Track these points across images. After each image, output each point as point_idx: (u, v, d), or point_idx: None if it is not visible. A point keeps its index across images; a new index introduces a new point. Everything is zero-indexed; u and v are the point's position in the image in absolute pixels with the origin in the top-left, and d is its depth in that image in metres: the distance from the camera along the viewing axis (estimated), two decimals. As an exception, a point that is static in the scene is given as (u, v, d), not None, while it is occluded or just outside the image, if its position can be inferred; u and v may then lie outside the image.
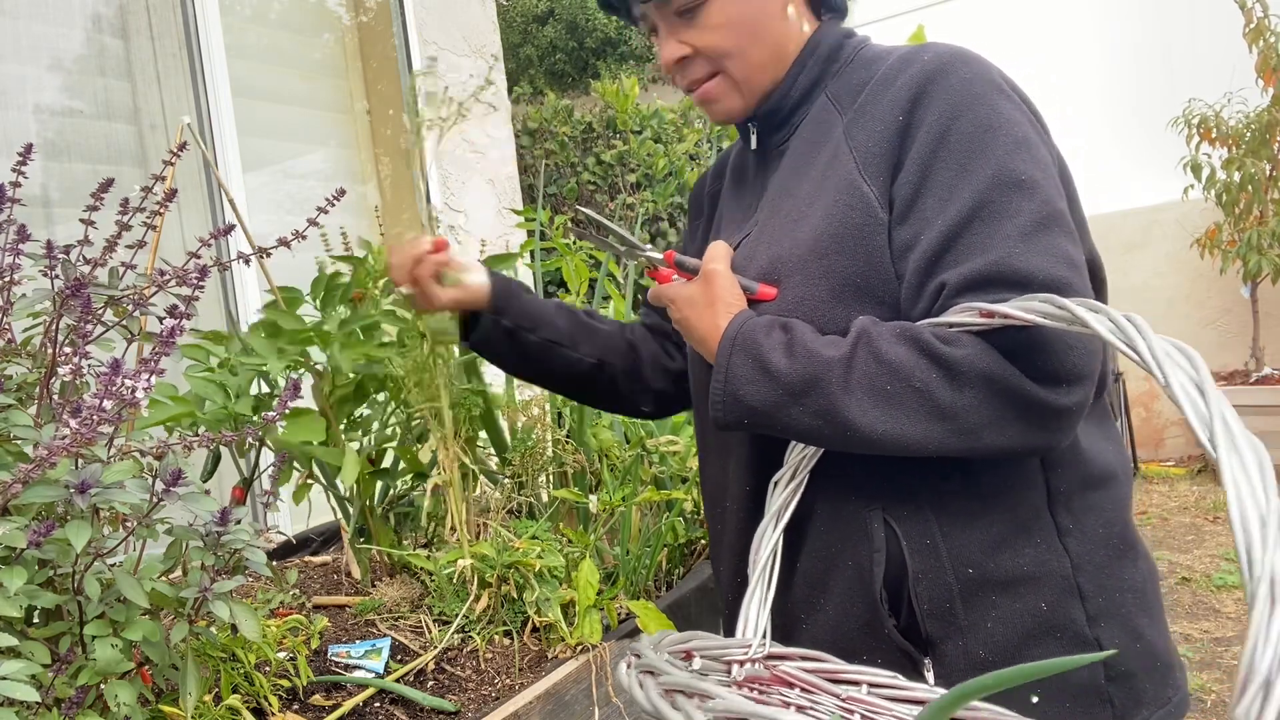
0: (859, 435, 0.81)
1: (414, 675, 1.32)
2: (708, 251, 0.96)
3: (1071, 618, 0.87)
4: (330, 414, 1.53)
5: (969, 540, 0.87)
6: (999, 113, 0.88)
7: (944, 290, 0.83)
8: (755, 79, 1.01)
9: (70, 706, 0.85)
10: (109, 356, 0.92)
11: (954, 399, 0.78)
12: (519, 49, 7.49)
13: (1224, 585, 3.46)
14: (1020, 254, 0.80)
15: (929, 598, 0.87)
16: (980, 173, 0.85)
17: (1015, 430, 0.79)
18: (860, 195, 0.89)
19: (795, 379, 0.83)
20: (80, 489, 0.81)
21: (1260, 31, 4.43)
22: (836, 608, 0.92)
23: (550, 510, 1.76)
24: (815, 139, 0.98)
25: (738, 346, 0.87)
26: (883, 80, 0.94)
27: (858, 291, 0.88)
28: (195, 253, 1.06)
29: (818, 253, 0.90)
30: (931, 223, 0.85)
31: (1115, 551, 0.92)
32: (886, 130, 0.90)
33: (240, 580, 0.95)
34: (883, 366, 0.80)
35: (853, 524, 0.91)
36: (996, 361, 0.78)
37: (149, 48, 2.88)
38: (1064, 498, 0.90)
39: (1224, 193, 4.57)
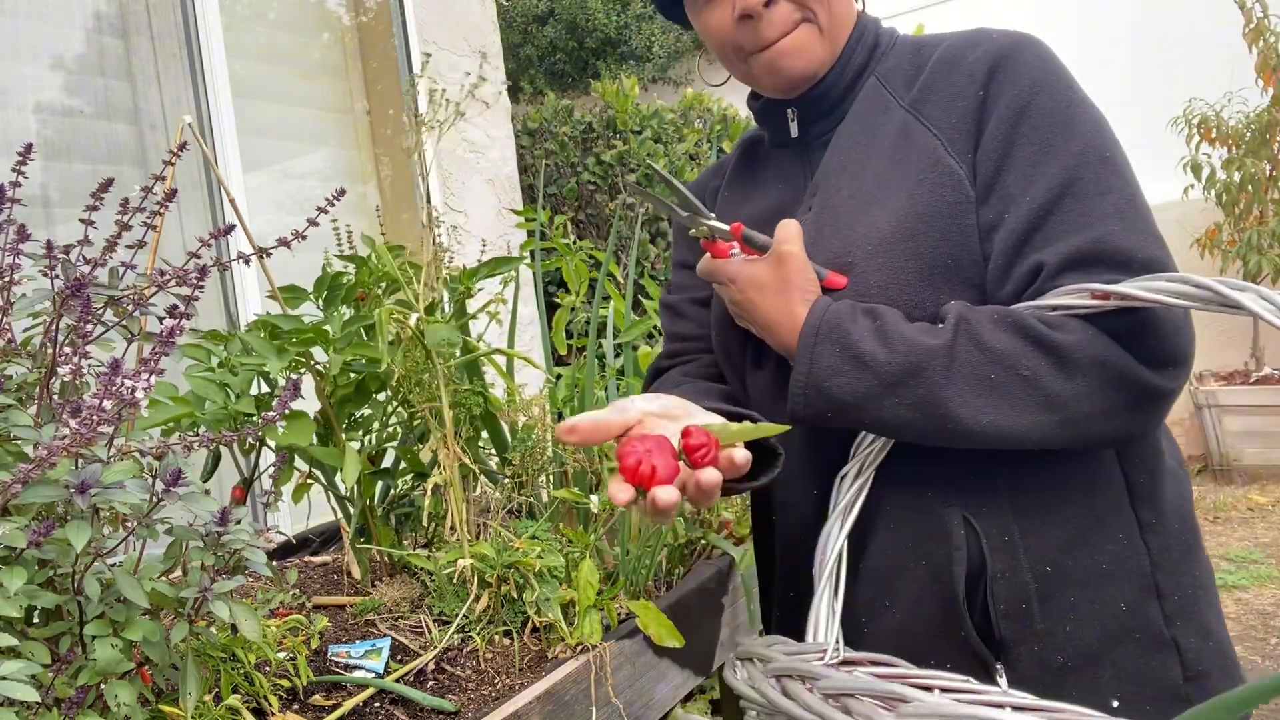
0: (959, 427, 0.77)
1: (414, 675, 1.32)
2: (780, 231, 0.89)
3: (1150, 617, 0.85)
4: (331, 414, 1.53)
5: (1047, 537, 0.84)
6: (1075, 91, 0.87)
7: (1041, 271, 0.80)
8: (838, 32, 0.98)
9: (70, 706, 0.85)
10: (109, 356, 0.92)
11: (1064, 387, 0.75)
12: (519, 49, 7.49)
13: (1224, 585, 3.46)
14: (1120, 232, 0.78)
15: (1006, 598, 0.83)
16: (1067, 149, 0.83)
17: (1123, 418, 0.77)
18: (950, 172, 0.86)
19: (894, 368, 0.78)
20: (80, 489, 0.81)
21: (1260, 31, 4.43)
22: (906, 610, 0.87)
23: (550, 510, 1.76)
24: (871, 121, 0.95)
25: (823, 335, 0.82)
26: (947, 60, 0.92)
27: (947, 273, 0.85)
28: (195, 253, 1.06)
29: (904, 234, 0.85)
30: (1017, 200, 0.82)
31: (1186, 546, 0.89)
32: (967, 105, 0.88)
33: (240, 580, 0.95)
34: (987, 354, 0.77)
35: (927, 522, 0.86)
36: (1108, 347, 0.75)
37: (149, 48, 2.88)
38: (1144, 490, 0.87)
39: (1224, 193, 4.57)
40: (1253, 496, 4.36)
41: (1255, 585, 3.43)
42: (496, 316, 1.75)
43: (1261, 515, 4.16)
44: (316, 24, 3.67)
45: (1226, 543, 3.87)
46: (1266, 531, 3.97)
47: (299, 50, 3.57)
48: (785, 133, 1.02)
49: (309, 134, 3.57)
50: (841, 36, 0.98)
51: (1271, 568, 3.56)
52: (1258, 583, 3.44)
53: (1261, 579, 3.46)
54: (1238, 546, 3.81)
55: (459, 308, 1.69)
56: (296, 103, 3.51)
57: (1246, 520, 4.11)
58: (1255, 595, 3.36)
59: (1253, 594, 3.37)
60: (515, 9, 7.59)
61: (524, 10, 7.61)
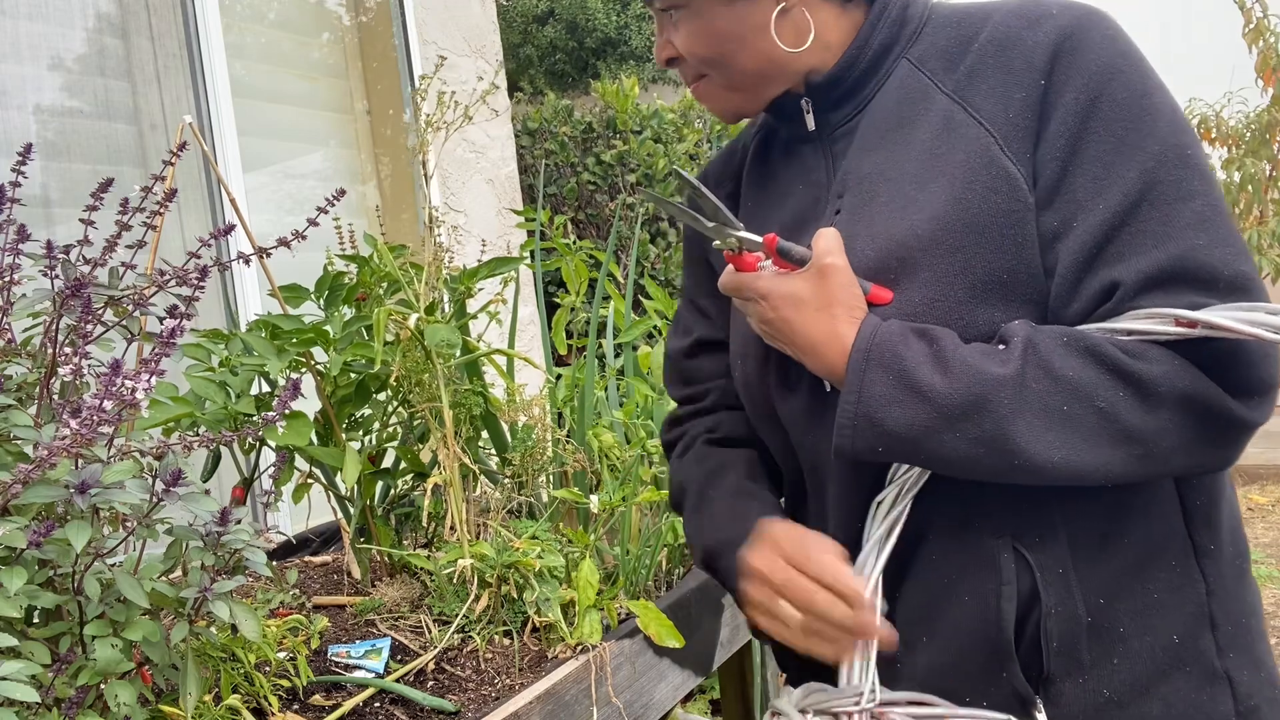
0: (1028, 464, 0.70)
1: (414, 675, 1.32)
2: (820, 242, 0.79)
3: (1202, 649, 0.79)
4: (331, 414, 1.53)
5: (1103, 567, 0.78)
6: (1151, 77, 0.77)
7: (1117, 291, 0.72)
8: (752, 85, 0.90)
9: (70, 706, 0.85)
10: (109, 356, 0.92)
11: (1146, 422, 0.69)
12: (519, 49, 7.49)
13: (1224, 585, 3.47)
14: (1204, 246, 0.70)
15: (1059, 634, 0.76)
16: (1145, 147, 0.73)
17: (1204, 452, 0.72)
18: (1004, 175, 0.76)
19: (956, 399, 0.70)
20: (80, 489, 0.81)
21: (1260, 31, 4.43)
22: (945, 646, 0.80)
23: (550, 510, 1.75)
24: (906, 111, 0.84)
25: (874, 359, 0.73)
26: (1000, 40, 0.80)
27: (1003, 289, 0.75)
28: (195, 253, 1.06)
29: (951, 245, 0.76)
30: (1087, 207, 0.73)
31: (1239, 570, 0.84)
32: (1026, 96, 0.77)
33: (240, 580, 0.95)
34: (1060, 384, 0.69)
35: (974, 553, 0.79)
36: (1195, 379, 0.69)
37: (149, 48, 2.88)
38: (1202, 513, 0.81)
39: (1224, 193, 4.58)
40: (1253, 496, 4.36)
41: (1255, 585, 3.44)
42: (496, 316, 1.75)
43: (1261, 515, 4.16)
44: (316, 24, 3.67)
45: (1226, 543, 3.89)
46: (1266, 531, 3.97)
47: (299, 50, 3.57)
48: (801, 126, 0.92)
49: (309, 134, 3.57)
50: (768, 84, 0.89)
51: (1271, 568, 3.56)
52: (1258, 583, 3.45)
53: (1261, 579, 3.46)
54: (1238, 546, 3.83)
55: (459, 308, 1.69)
56: (296, 103, 3.51)
57: (1247, 520, 4.12)
58: (1255, 595, 3.37)
59: (1253, 594, 3.38)
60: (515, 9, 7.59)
61: (524, 10, 7.61)
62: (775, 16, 0.85)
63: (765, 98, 0.91)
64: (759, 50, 0.86)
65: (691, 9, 0.86)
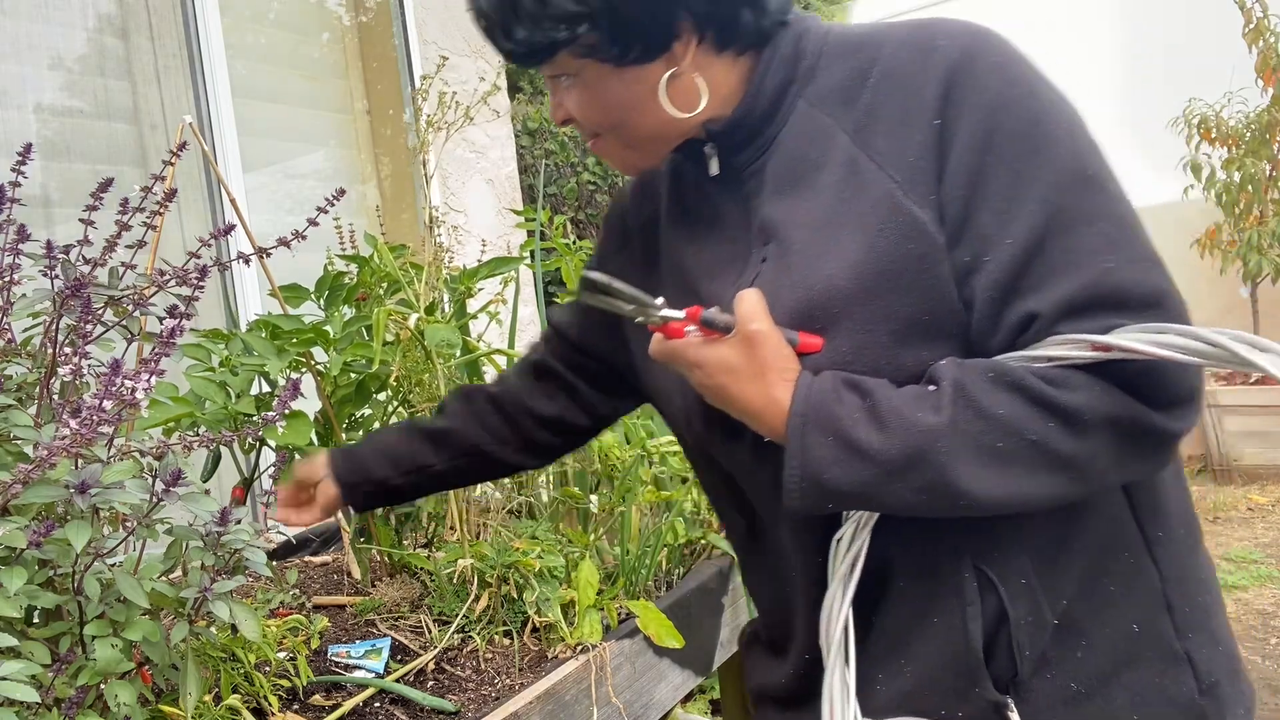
0: (972, 502, 0.72)
1: (414, 675, 1.32)
2: (744, 307, 0.79)
3: (1161, 634, 0.81)
4: (331, 414, 1.53)
5: (1062, 571, 0.80)
6: (1040, 98, 0.78)
7: (1035, 322, 0.73)
8: (649, 144, 0.90)
9: (70, 706, 0.85)
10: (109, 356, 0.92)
11: (1076, 447, 0.70)
12: (519, 49, 7.47)
13: (1225, 585, 3.46)
14: (1114, 267, 0.72)
15: (1030, 642, 0.79)
16: (1042, 176, 0.75)
17: (1136, 464, 0.74)
18: (911, 220, 0.77)
19: (894, 455, 0.72)
20: (80, 489, 0.81)
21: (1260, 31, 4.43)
22: (919, 671, 0.82)
23: (550, 510, 1.75)
24: (810, 154, 0.85)
25: (811, 422, 0.75)
26: (892, 75, 0.81)
27: (925, 330, 0.77)
28: (195, 253, 1.06)
29: (870, 293, 0.77)
30: (994, 242, 0.75)
31: (1191, 551, 0.86)
32: (923, 139, 0.78)
33: (240, 580, 0.95)
34: (991, 423, 0.71)
35: (938, 578, 0.81)
36: (1118, 400, 0.70)
37: (149, 48, 2.88)
38: (1148, 504, 0.83)
39: (1224, 193, 4.57)
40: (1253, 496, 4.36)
41: (1255, 585, 3.43)
42: (496, 316, 1.75)
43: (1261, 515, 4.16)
44: (316, 24, 3.67)
45: (1226, 543, 3.87)
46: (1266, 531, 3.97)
47: (299, 50, 3.57)
48: (705, 170, 0.92)
49: (309, 134, 3.57)
50: (662, 143, 0.90)
51: (1271, 568, 3.56)
52: (1258, 583, 3.44)
53: (1261, 579, 3.46)
54: (1238, 546, 3.81)
55: (459, 308, 1.69)
56: (296, 103, 3.51)
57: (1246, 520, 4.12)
58: (1255, 595, 3.36)
59: (1253, 594, 3.37)
60: (515, 9, 7.57)
61: (524, 10, 7.60)
62: (665, 82, 0.85)
63: (663, 153, 0.92)
64: (651, 115, 0.87)
65: (581, 77, 0.87)
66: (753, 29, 0.86)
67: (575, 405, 1.17)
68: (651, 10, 0.81)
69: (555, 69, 0.88)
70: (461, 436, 1.17)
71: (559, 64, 0.86)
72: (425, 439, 1.17)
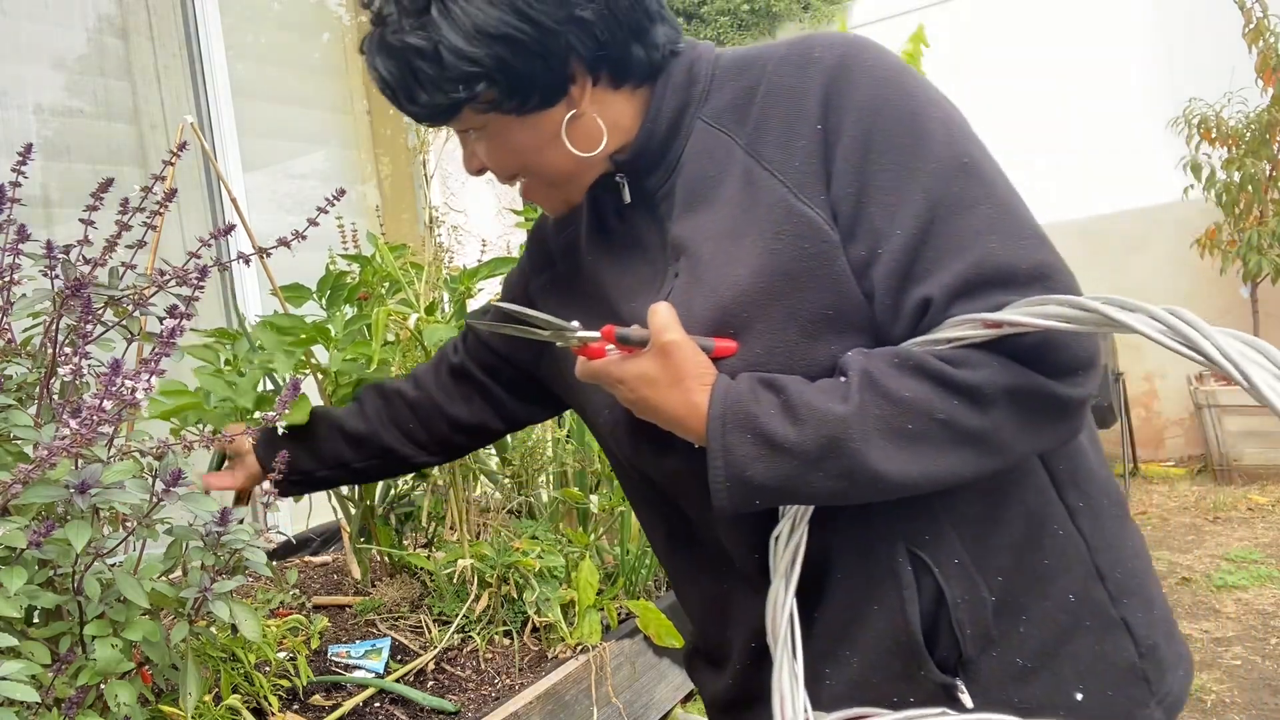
0: (891, 483, 0.75)
1: (414, 675, 1.32)
2: (656, 320, 0.82)
3: (1097, 602, 0.85)
4: (330, 414, 1.53)
5: (995, 548, 0.83)
6: (915, 96, 0.82)
7: (930, 306, 0.77)
8: (566, 182, 0.94)
9: (70, 706, 0.85)
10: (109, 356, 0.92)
11: (982, 422, 0.74)
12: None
13: (1224, 585, 3.46)
14: (997, 247, 0.76)
15: (971, 621, 0.82)
16: (922, 167, 0.79)
17: (1045, 432, 0.77)
18: (807, 222, 0.81)
19: (809, 446, 0.75)
20: (80, 489, 0.81)
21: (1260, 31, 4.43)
22: (865, 659, 0.85)
23: (550, 510, 1.76)
24: (710, 170, 0.89)
25: (730, 423, 0.78)
26: (776, 88, 0.86)
27: (831, 324, 0.81)
28: (195, 253, 1.06)
29: (774, 294, 0.81)
30: (885, 234, 0.79)
31: (1117, 519, 0.89)
32: (807, 144, 0.83)
33: (240, 580, 0.95)
34: (898, 406, 0.74)
35: (874, 566, 0.84)
36: (1016, 373, 0.74)
37: (149, 48, 2.88)
38: (1067, 476, 0.86)
39: (1224, 193, 4.57)
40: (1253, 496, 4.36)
41: (1255, 585, 3.43)
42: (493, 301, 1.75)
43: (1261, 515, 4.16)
44: (316, 24, 3.67)
45: (1226, 543, 3.87)
46: (1266, 531, 3.97)
47: (299, 50, 3.57)
48: (620, 199, 0.96)
49: (309, 134, 3.57)
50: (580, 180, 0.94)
51: (1271, 568, 3.56)
52: (1258, 583, 3.44)
53: (1261, 579, 3.46)
54: (1238, 546, 3.81)
55: (459, 308, 1.69)
56: (296, 103, 3.51)
57: (1246, 520, 4.12)
58: (1255, 595, 3.36)
59: (1253, 594, 3.37)
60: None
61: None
62: (566, 124, 0.90)
63: (584, 186, 0.95)
64: (560, 155, 0.91)
65: (488, 130, 0.91)
66: (645, 63, 0.90)
67: (491, 410, 1.19)
68: (543, 60, 0.85)
69: (462, 124, 0.92)
70: (379, 439, 1.22)
71: (464, 120, 0.90)
72: (345, 440, 1.23)
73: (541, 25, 0.83)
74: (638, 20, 0.88)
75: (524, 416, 1.22)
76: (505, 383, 1.18)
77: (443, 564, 1.47)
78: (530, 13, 0.83)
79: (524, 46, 0.83)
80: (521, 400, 1.18)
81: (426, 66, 0.85)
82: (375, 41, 0.88)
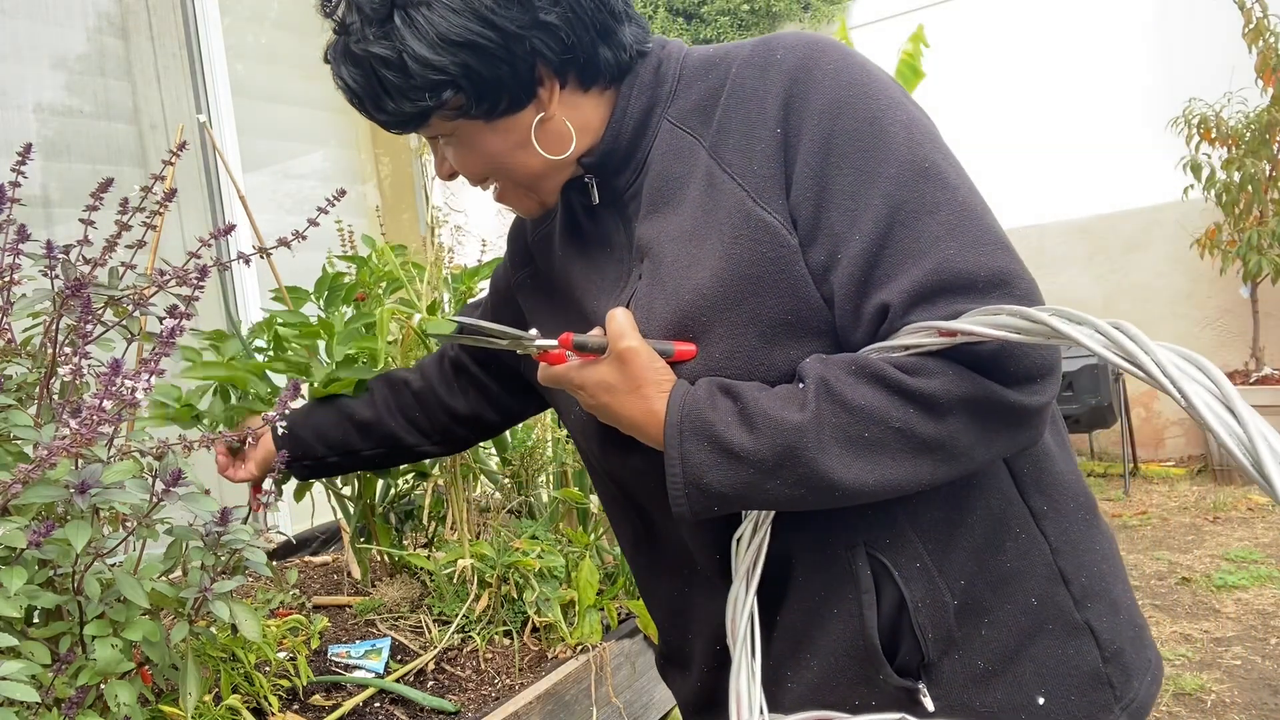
0: (847, 491, 0.74)
1: (414, 675, 1.32)
2: (612, 326, 0.83)
3: (1060, 605, 0.85)
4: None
5: (956, 551, 0.83)
6: (876, 98, 0.81)
7: (889, 312, 0.76)
8: (537, 184, 0.93)
9: (70, 706, 0.85)
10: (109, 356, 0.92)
11: (938, 430, 0.74)
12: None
13: (1224, 585, 3.46)
14: (956, 254, 0.75)
15: (932, 624, 0.82)
16: (883, 171, 0.78)
17: (1002, 440, 0.76)
18: (765, 227, 0.80)
19: (766, 454, 0.75)
20: (80, 489, 0.81)
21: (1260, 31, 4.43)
22: (824, 662, 0.85)
23: (550, 510, 1.76)
24: (675, 171, 0.88)
25: (687, 431, 0.78)
26: (736, 93, 0.85)
27: (791, 329, 0.80)
28: (195, 253, 1.06)
29: (732, 299, 0.81)
30: (845, 239, 0.78)
31: (1084, 523, 0.89)
32: (766, 148, 0.82)
33: (240, 580, 0.95)
34: (855, 415, 0.74)
35: (834, 568, 0.84)
36: (971, 382, 0.73)
37: (149, 48, 2.88)
38: (1030, 478, 0.86)
39: (1224, 193, 4.57)
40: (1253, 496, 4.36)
41: (1255, 585, 3.43)
42: (487, 301, 1.75)
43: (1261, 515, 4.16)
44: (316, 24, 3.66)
45: (1226, 543, 3.87)
46: (1266, 531, 3.97)
47: (299, 50, 3.57)
48: (589, 199, 0.96)
49: (309, 134, 3.57)
50: (550, 182, 0.93)
51: (1271, 568, 3.56)
52: (1258, 583, 3.44)
53: (1261, 579, 3.46)
54: (1238, 546, 3.81)
55: (460, 307, 1.69)
56: (296, 103, 3.51)
57: (1246, 520, 4.12)
58: (1255, 595, 3.36)
59: (1253, 594, 3.37)
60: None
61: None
62: (535, 127, 0.89)
63: (556, 187, 0.95)
64: (531, 158, 0.91)
65: (457, 135, 0.90)
66: (613, 64, 0.90)
67: (487, 403, 1.21)
68: (509, 66, 0.84)
69: (431, 131, 0.91)
70: (385, 427, 1.24)
71: (433, 127, 0.90)
72: (355, 427, 1.25)
73: (506, 31, 0.83)
74: (603, 22, 0.87)
75: (518, 410, 1.24)
76: (497, 376, 1.20)
77: (443, 564, 1.47)
78: (494, 19, 0.82)
79: (489, 53, 0.83)
80: (513, 393, 1.20)
81: (392, 75, 0.84)
82: (339, 50, 0.88)
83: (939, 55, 5.24)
